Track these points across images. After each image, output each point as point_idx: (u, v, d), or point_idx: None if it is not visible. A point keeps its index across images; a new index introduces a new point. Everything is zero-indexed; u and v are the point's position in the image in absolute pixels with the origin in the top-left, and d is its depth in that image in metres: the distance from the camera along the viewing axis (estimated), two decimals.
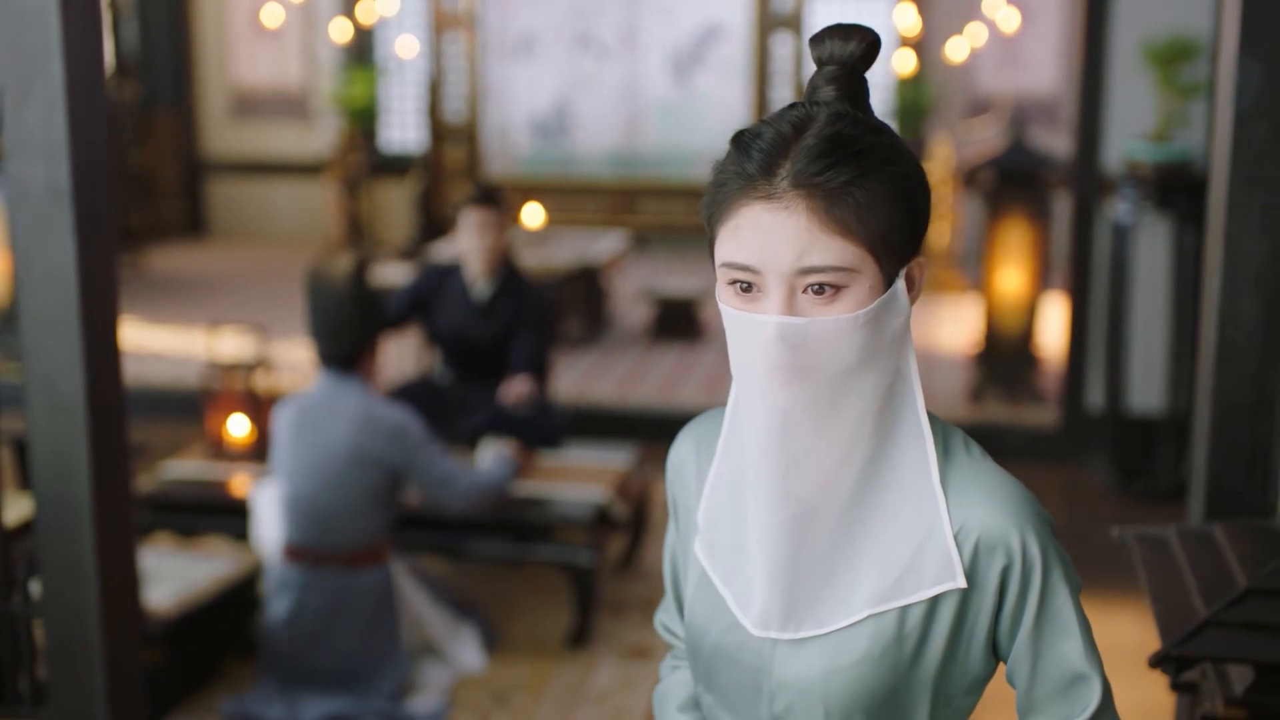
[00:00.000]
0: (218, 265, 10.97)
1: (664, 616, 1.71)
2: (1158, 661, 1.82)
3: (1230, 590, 1.84)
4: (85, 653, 2.48)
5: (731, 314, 1.38)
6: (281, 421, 4.20)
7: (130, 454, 4.03)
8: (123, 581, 2.59)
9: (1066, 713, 1.46)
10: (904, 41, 10.43)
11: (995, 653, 1.47)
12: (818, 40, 1.41)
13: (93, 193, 2.40)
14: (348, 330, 4.10)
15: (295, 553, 4.17)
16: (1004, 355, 7.05)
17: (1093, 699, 1.45)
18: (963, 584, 1.41)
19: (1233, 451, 2.21)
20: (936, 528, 1.41)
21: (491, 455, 4.68)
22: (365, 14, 11.02)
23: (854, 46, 1.40)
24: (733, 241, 1.36)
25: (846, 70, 1.40)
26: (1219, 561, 1.93)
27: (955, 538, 1.41)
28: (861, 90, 1.41)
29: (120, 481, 2.55)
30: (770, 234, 1.34)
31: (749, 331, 1.37)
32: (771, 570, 1.43)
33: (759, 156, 1.35)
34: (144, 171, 11.35)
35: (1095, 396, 6.46)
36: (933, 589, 1.41)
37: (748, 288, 1.37)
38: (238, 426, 5.09)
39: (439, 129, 10.90)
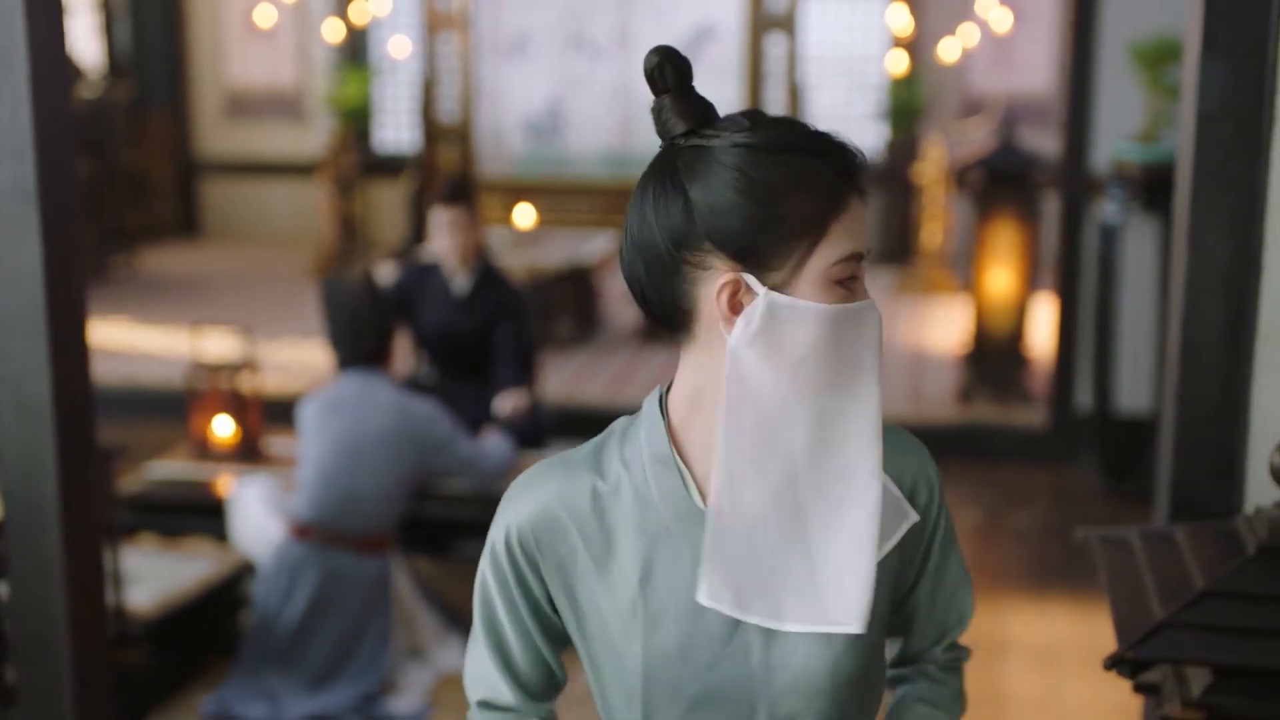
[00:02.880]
0: (212, 266, 10.97)
1: (492, 695, 1.59)
2: (1113, 664, 1.82)
3: (1188, 592, 1.84)
4: (53, 653, 2.48)
5: (844, 310, 1.38)
6: (307, 412, 4.41)
7: (111, 454, 4.05)
8: (91, 582, 2.58)
9: (944, 628, 1.60)
10: (897, 42, 10.43)
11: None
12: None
13: (59, 193, 2.39)
14: (368, 331, 4.40)
15: (305, 530, 4.28)
16: (993, 356, 7.05)
17: (967, 606, 1.59)
18: (915, 517, 1.49)
19: (1198, 453, 2.21)
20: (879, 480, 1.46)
21: (494, 438, 4.78)
22: (358, 14, 11.01)
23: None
24: (847, 235, 1.38)
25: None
26: (1178, 563, 1.93)
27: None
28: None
29: (88, 482, 2.54)
30: (862, 223, 1.40)
31: (862, 320, 1.39)
32: (872, 555, 1.40)
33: (855, 158, 1.41)
34: (137, 172, 11.34)
35: (1084, 397, 6.46)
36: (897, 535, 1.47)
37: (853, 279, 1.39)
38: (222, 427, 5.09)
39: (432, 129, 10.88)
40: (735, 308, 1.38)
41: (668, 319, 1.44)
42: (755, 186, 1.36)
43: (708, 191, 1.38)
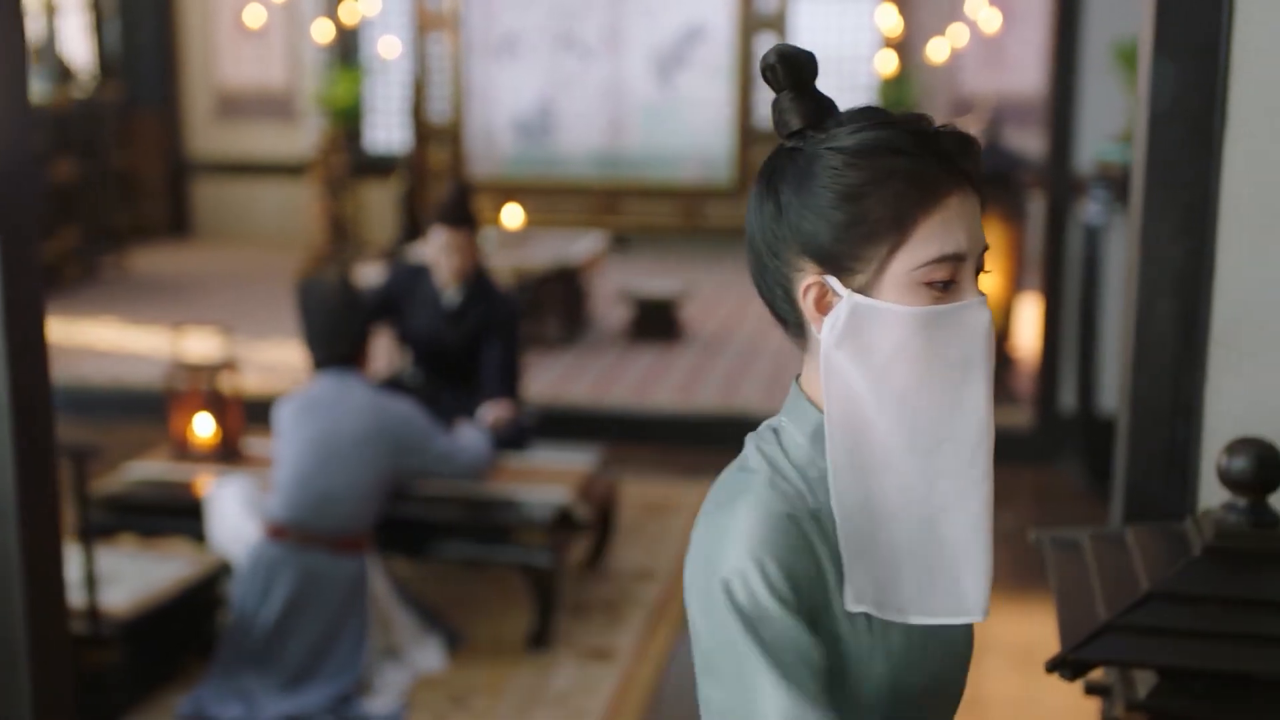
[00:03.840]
0: (202, 266, 10.96)
1: None
2: (1054, 666, 1.81)
3: (1133, 594, 1.84)
4: (11, 655, 2.47)
5: (933, 312, 1.35)
6: (284, 413, 4.42)
7: (83, 455, 4.05)
8: (51, 583, 2.58)
9: None
10: (887, 42, 10.43)
11: None
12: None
13: (16, 194, 2.39)
14: (344, 332, 4.40)
15: (281, 530, 4.29)
16: None
17: None
18: None
19: (1151, 454, 2.21)
20: None
21: (471, 433, 4.79)
22: (348, 14, 11.00)
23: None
24: (943, 232, 1.34)
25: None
26: (1126, 565, 1.92)
27: None
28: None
29: (47, 482, 2.54)
30: (971, 219, 1.36)
31: (962, 321, 1.36)
32: (988, 549, 1.39)
33: (956, 145, 1.37)
34: (127, 171, 11.33)
35: (1069, 397, 6.46)
36: None
37: (948, 284, 1.35)
38: (202, 427, 5.08)
39: (423, 130, 10.90)
40: (824, 309, 1.39)
41: (780, 319, 1.45)
42: (837, 189, 1.36)
43: (795, 194, 1.38)
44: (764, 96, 10.28)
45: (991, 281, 6.92)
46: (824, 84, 1.44)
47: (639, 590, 5.12)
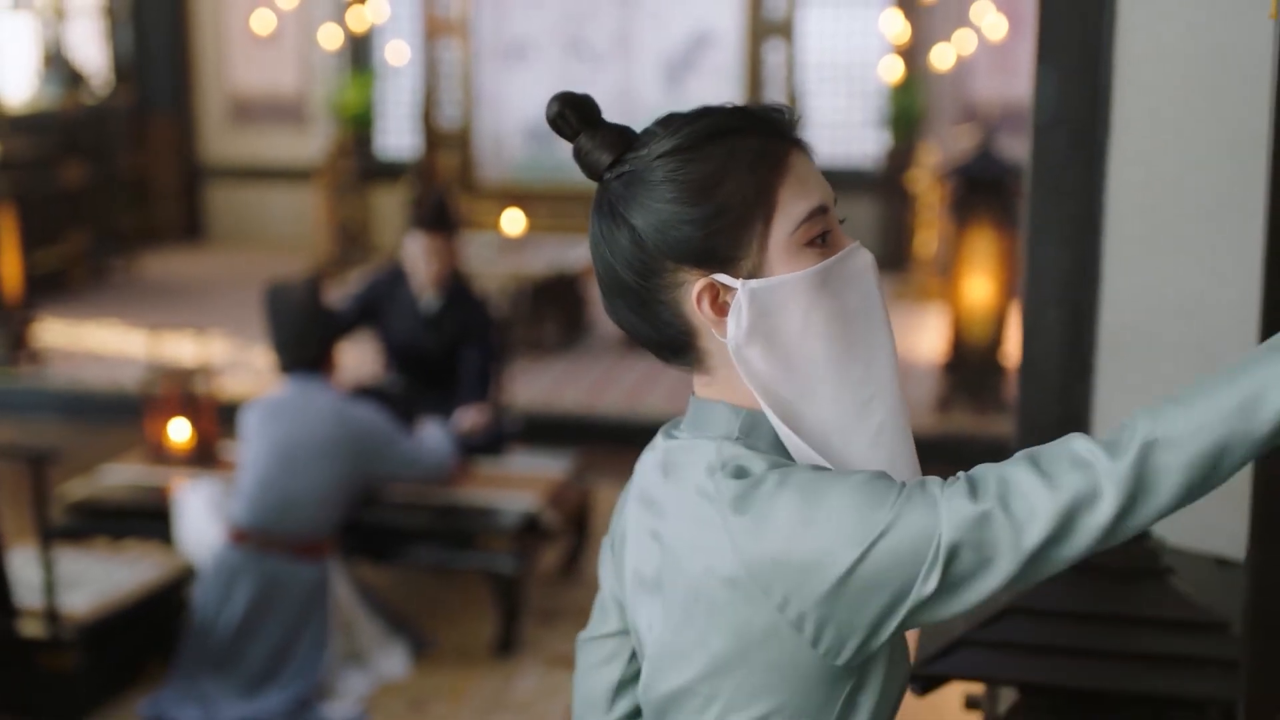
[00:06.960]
0: (212, 270, 11.02)
1: None
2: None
3: (993, 607, 1.81)
4: None
5: (826, 267, 1.34)
6: (250, 419, 4.44)
7: (42, 459, 4.07)
8: None
9: None
10: (894, 49, 10.38)
11: None
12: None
13: None
14: (310, 337, 4.43)
15: (243, 535, 4.31)
16: (971, 365, 7.00)
17: None
18: None
19: None
20: None
21: (435, 433, 4.81)
22: (356, 21, 11.03)
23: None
24: (802, 189, 1.35)
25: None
26: None
27: None
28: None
29: None
30: (815, 171, 1.37)
31: (850, 267, 1.37)
32: None
33: (774, 111, 1.38)
34: (140, 176, 11.40)
35: None
36: None
37: (825, 236, 1.35)
38: (177, 431, 5.10)
39: (433, 135, 10.92)
40: (721, 310, 1.35)
41: (673, 349, 1.40)
42: (688, 189, 1.33)
43: (648, 213, 1.35)
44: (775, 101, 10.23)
45: (985, 289, 6.88)
46: (834, 90, 1.46)
47: None
